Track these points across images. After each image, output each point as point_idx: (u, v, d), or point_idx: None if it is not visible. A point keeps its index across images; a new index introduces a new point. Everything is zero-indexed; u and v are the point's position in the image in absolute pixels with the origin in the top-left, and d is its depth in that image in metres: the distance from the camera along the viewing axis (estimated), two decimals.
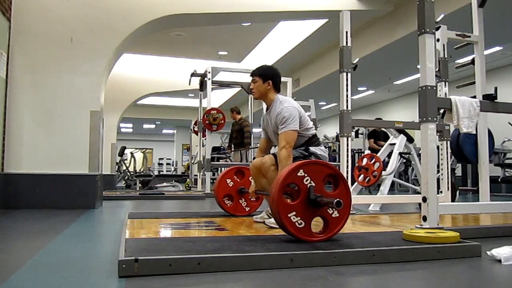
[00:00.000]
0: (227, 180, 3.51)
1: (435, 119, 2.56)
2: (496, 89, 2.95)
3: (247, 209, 3.56)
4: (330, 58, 9.08)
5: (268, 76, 2.96)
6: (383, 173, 4.62)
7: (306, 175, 2.13)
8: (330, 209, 2.14)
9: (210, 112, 7.37)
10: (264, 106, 3.63)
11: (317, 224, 2.21)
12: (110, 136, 9.63)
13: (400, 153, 5.11)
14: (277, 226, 2.63)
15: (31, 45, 4.52)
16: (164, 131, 23.09)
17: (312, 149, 2.91)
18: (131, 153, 11.88)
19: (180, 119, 17.17)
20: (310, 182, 2.12)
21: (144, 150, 15.78)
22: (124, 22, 4.91)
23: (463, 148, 4.51)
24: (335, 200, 2.01)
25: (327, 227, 2.16)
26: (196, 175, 9.55)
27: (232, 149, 8.12)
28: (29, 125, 4.45)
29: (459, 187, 7.25)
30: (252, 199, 3.54)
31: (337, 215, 2.16)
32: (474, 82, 3.68)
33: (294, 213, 2.08)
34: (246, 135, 7.76)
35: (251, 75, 3.02)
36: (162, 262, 1.64)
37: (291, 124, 2.78)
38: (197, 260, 1.68)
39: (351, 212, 3.59)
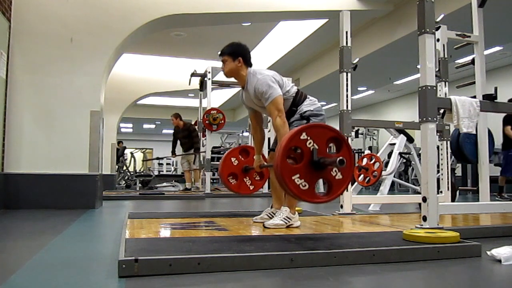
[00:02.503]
0: (232, 158, 3.48)
1: (435, 119, 2.56)
2: (496, 89, 2.96)
3: (251, 187, 3.52)
4: (330, 58, 9.08)
5: (238, 53, 2.87)
6: (383, 173, 4.62)
7: (309, 138, 2.14)
8: (333, 171, 2.16)
9: (210, 112, 7.37)
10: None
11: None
12: (110, 136, 9.63)
13: (400, 153, 5.11)
14: (276, 227, 2.64)
15: (31, 45, 4.52)
16: (164, 131, 23.07)
17: (304, 109, 2.85)
18: (131, 153, 11.88)
19: None
20: (313, 145, 2.13)
21: (144, 150, 15.78)
22: (124, 22, 4.90)
23: (463, 148, 4.51)
24: (338, 159, 2.04)
25: (330, 189, 2.18)
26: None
27: (176, 154, 8.42)
28: (29, 125, 4.45)
29: (459, 187, 7.25)
30: (256, 178, 3.52)
31: (341, 177, 2.18)
32: (474, 82, 3.68)
33: (298, 175, 2.09)
34: (195, 140, 7.98)
35: (220, 55, 2.92)
36: (162, 262, 1.64)
37: (273, 92, 2.72)
38: (197, 260, 1.68)
39: (351, 211, 3.61)
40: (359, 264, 1.84)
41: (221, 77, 9.20)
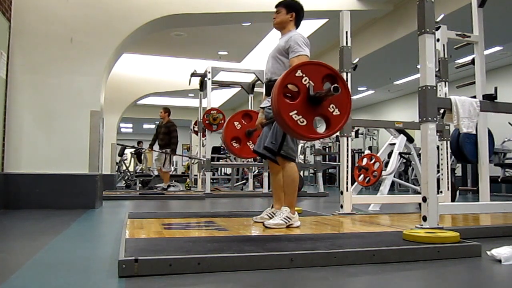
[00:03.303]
0: (235, 123, 3.48)
1: (435, 119, 2.56)
2: (496, 89, 2.96)
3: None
4: (330, 58, 9.07)
5: (293, 8, 2.94)
6: (383, 173, 4.62)
7: (304, 75, 2.16)
8: (330, 107, 2.19)
9: (210, 112, 7.37)
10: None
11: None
12: (110, 136, 9.62)
13: (400, 153, 5.10)
14: (276, 227, 2.64)
15: (31, 45, 4.52)
16: None
17: None
18: (131, 153, 11.86)
19: (180, 119, 17.16)
20: (308, 82, 2.16)
21: (144, 150, 15.74)
22: (124, 22, 4.90)
23: (463, 148, 4.51)
24: (332, 86, 2.06)
25: (329, 125, 2.22)
26: (196, 175, 9.56)
27: (153, 149, 8.13)
28: (29, 125, 4.45)
29: (459, 187, 7.25)
30: None
31: (338, 113, 2.21)
32: (474, 82, 3.69)
33: (295, 111, 2.13)
34: (173, 140, 7.74)
35: (276, 6, 2.97)
36: (162, 262, 1.64)
37: (305, 49, 2.74)
38: (197, 260, 1.68)
39: (351, 211, 3.61)
40: (359, 264, 1.84)
41: (221, 77, 9.22)
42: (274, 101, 2.14)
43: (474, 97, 3.11)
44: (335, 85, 2.07)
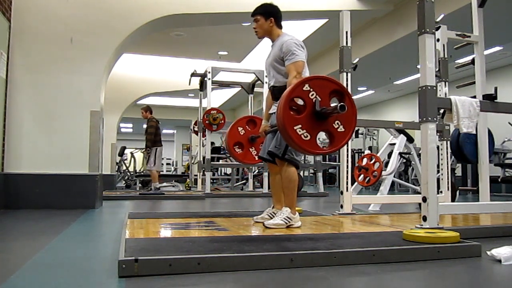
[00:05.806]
0: (239, 128, 3.48)
1: (435, 119, 2.56)
2: (496, 89, 2.96)
3: (257, 157, 3.49)
4: (330, 58, 9.08)
5: (270, 13, 2.92)
6: (383, 173, 4.61)
7: (311, 89, 2.16)
8: (335, 123, 2.18)
9: (210, 112, 7.37)
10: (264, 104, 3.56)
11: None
12: (110, 136, 9.62)
13: (400, 153, 5.10)
14: (277, 227, 2.64)
15: (31, 45, 4.52)
16: (164, 131, 23.03)
17: None
18: (131, 153, 11.86)
19: (180, 119, 17.18)
20: (315, 97, 2.16)
21: (144, 150, 15.74)
22: (124, 22, 4.90)
23: (463, 148, 4.51)
24: (339, 104, 2.07)
25: (332, 141, 2.21)
26: (196, 175, 9.56)
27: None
28: (29, 125, 4.45)
29: (459, 187, 7.25)
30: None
31: (343, 130, 2.21)
32: (474, 82, 3.69)
33: (300, 125, 2.13)
34: (148, 137, 7.13)
35: (252, 15, 2.95)
36: (162, 262, 1.64)
37: (300, 54, 2.73)
38: (197, 260, 1.68)
39: (351, 211, 3.61)
40: (359, 264, 1.84)
41: (221, 77, 9.22)
42: (279, 114, 2.13)
43: (474, 97, 3.11)
44: (342, 103, 2.07)
